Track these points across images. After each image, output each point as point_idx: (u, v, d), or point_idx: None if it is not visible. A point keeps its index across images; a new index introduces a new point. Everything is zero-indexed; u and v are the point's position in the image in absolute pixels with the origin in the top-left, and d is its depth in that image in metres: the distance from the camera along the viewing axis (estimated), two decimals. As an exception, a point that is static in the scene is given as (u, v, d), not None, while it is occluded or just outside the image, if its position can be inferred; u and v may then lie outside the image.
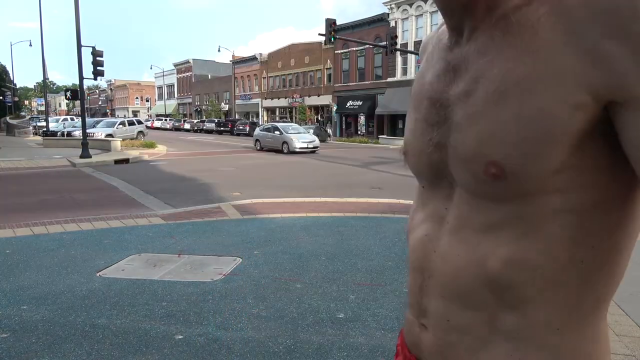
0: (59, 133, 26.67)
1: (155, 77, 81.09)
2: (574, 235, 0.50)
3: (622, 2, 0.43)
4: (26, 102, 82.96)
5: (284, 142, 20.81)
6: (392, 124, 38.05)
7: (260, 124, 42.05)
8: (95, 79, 17.89)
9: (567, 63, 0.47)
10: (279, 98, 48.51)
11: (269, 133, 22.18)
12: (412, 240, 0.65)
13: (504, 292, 0.54)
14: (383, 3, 37.85)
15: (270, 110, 51.57)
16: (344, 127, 42.22)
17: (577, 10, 0.45)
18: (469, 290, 0.56)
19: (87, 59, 17.38)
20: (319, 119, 44.95)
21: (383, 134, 36.45)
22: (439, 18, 34.43)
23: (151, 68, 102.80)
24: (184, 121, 51.86)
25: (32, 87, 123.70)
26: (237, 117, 53.97)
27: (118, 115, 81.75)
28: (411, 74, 36.68)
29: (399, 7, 36.92)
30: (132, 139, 26.55)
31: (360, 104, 39.81)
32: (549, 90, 0.48)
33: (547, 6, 0.48)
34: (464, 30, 0.57)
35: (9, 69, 47.25)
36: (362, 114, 40.15)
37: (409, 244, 0.67)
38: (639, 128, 0.44)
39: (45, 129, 28.63)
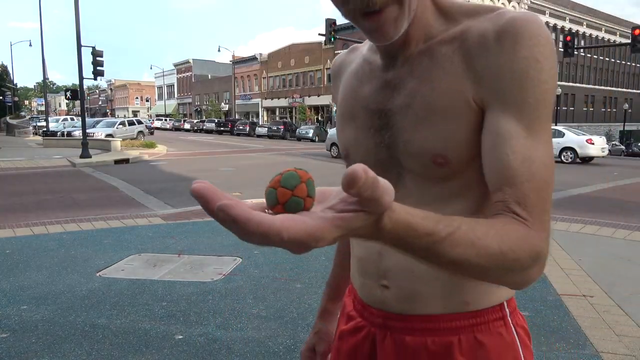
0: (59, 133, 26.68)
1: (155, 77, 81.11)
2: (485, 192, 0.67)
3: (494, 54, 0.64)
4: (26, 102, 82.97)
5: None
6: (392, 124, 38.03)
7: (260, 124, 41.99)
8: (95, 79, 17.90)
9: (466, 83, 0.67)
10: (279, 98, 48.50)
11: None
12: None
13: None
14: (383, 3, 37.81)
15: (270, 110, 51.58)
16: (344, 127, 42.19)
17: (472, 50, 0.67)
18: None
19: (87, 59, 17.38)
20: (319, 119, 44.95)
21: (383, 134, 36.42)
22: (439, 18, 34.44)
23: (151, 68, 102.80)
24: (184, 121, 51.85)
25: (32, 87, 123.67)
26: (237, 117, 53.97)
27: (118, 115, 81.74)
28: (411, 74, 36.69)
29: (399, 7, 36.92)
30: (132, 139, 26.55)
31: (360, 104, 39.78)
32: (461, 101, 0.67)
33: (457, 44, 0.68)
34: (398, 57, 0.73)
35: (9, 69, 47.29)
36: (362, 114, 40.12)
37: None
38: (495, 124, 0.64)
39: (45, 129, 28.63)
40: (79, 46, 16.01)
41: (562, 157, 17.89)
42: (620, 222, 6.37)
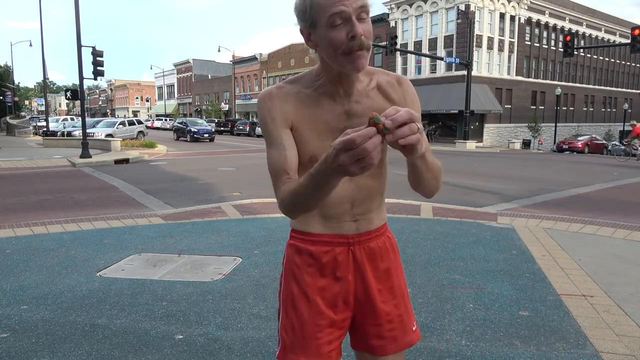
0: (59, 133, 26.68)
1: (155, 77, 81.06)
2: (386, 170, 1.36)
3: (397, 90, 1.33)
4: (26, 102, 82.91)
5: None
6: (392, 124, 37.95)
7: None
8: (95, 79, 17.89)
9: (387, 105, 1.25)
10: (279, 98, 48.41)
11: None
12: (332, 192, 1.14)
13: (382, 190, 1.37)
14: (383, 3, 37.81)
15: (270, 110, 51.49)
16: (344, 127, 42.19)
17: (386, 90, 1.32)
18: (372, 196, 1.34)
19: (87, 59, 17.41)
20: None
21: (383, 134, 36.35)
22: (438, 18, 34.43)
23: (151, 68, 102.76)
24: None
25: (32, 87, 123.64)
26: (237, 117, 53.94)
27: (118, 115, 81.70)
28: (411, 74, 36.65)
29: (399, 7, 36.89)
30: (132, 138, 26.54)
31: (360, 104, 39.74)
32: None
33: (376, 90, 1.30)
34: (350, 97, 1.27)
35: (10, 69, 47.24)
36: (362, 114, 40.08)
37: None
38: None
39: (45, 129, 28.63)
40: (79, 46, 16.00)
41: None
42: (620, 222, 6.37)
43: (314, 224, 1.32)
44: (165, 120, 56.01)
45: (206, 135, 29.67)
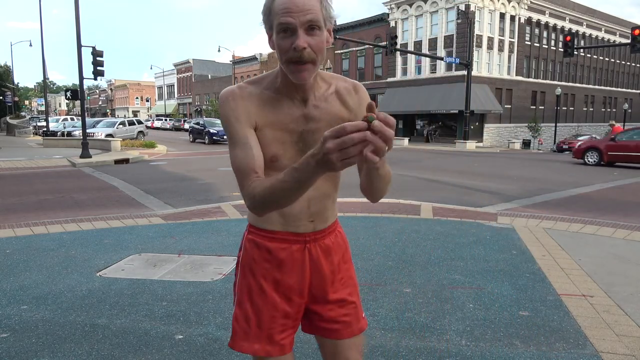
0: (59, 133, 26.68)
1: (155, 77, 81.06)
2: (340, 173, 1.33)
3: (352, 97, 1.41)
4: (26, 102, 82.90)
5: None
6: (392, 124, 37.95)
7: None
8: (95, 79, 17.90)
9: (344, 111, 1.37)
10: (279, 98, 48.42)
11: None
12: None
13: (336, 190, 1.44)
14: (383, 3, 37.81)
15: (270, 110, 51.49)
16: (344, 127, 42.17)
17: (344, 96, 1.39)
18: (327, 195, 1.41)
19: (87, 59, 17.42)
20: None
21: (383, 134, 36.35)
22: (438, 18, 34.43)
23: (151, 68, 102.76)
24: (184, 121, 51.82)
25: (32, 87, 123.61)
26: (237, 117, 53.80)
27: (118, 115, 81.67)
28: (411, 74, 36.65)
29: (399, 7, 36.89)
30: (132, 138, 26.55)
31: (360, 104, 39.71)
32: (342, 120, 1.32)
33: (335, 95, 1.37)
34: (307, 102, 1.33)
35: (10, 69, 47.24)
36: (362, 114, 40.06)
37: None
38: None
39: (45, 129, 28.63)
40: (79, 46, 16.00)
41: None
42: (620, 222, 6.37)
43: (272, 222, 1.38)
44: (165, 120, 56.00)
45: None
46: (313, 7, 1.18)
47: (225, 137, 22.96)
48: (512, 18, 35.74)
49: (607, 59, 46.30)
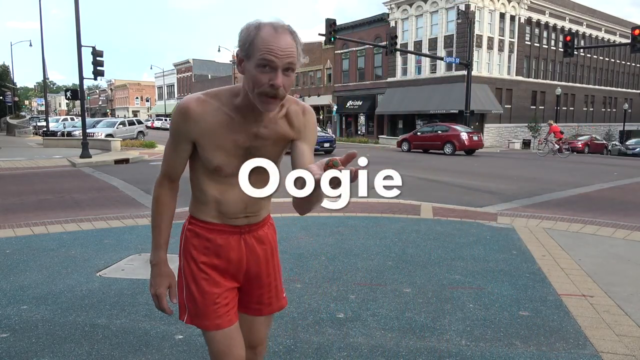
0: (59, 133, 26.68)
1: (155, 77, 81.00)
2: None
3: (300, 120, 1.55)
4: (26, 102, 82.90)
5: None
6: (392, 124, 38.00)
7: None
8: (95, 79, 17.90)
9: (290, 132, 1.53)
10: (279, 98, 48.35)
11: None
12: (228, 195, 1.51)
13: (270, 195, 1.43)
14: (383, 3, 37.80)
15: (270, 110, 51.44)
16: (344, 127, 42.18)
17: (292, 118, 1.53)
18: (264, 198, 1.32)
19: (87, 59, 17.40)
20: (320, 118, 44.92)
21: (383, 134, 36.42)
22: (438, 18, 34.41)
23: (151, 68, 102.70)
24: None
25: (32, 87, 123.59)
26: (237, 117, 53.75)
27: (118, 115, 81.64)
28: (411, 74, 36.63)
29: (399, 7, 36.89)
30: (132, 139, 26.54)
31: (360, 104, 39.76)
32: (287, 139, 1.53)
33: (285, 117, 1.52)
34: (261, 122, 1.46)
35: (9, 69, 47.23)
36: (362, 114, 40.11)
37: (223, 198, 1.53)
38: (297, 148, 1.51)
39: (45, 129, 28.64)
40: (79, 46, 16.00)
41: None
42: (620, 222, 6.37)
43: (211, 216, 1.56)
44: (166, 120, 55.95)
45: (327, 145, 19.99)
46: (293, 52, 1.34)
47: (326, 145, 20.09)
48: (512, 18, 35.73)
49: (607, 59, 46.29)
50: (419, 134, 24.10)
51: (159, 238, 1.64)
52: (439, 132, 22.84)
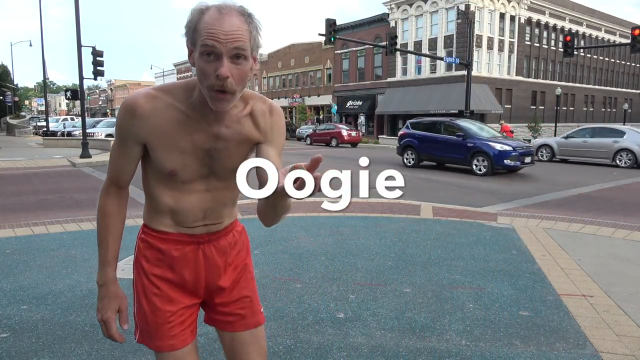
0: (59, 133, 26.68)
1: (155, 77, 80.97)
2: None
3: (267, 121, 1.36)
4: (26, 102, 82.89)
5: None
6: (392, 124, 37.99)
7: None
8: (95, 79, 17.89)
9: (255, 133, 1.34)
10: (279, 98, 48.46)
11: None
12: (185, 202, 1.35)
13: (235, 198, 1.45)
14: (383, 3, 37.81)
15: (270, 110, 51.47)
16: (344, 127, 42.12)
17: (258, 118, 1.34)
18: (225, 204, 1.41)
19: (87, 59, 17.40)
20: (319, 118, 44.90)
21: (383, 134, 36.42)
22: (438, 18, 34.42)
23: (151, 68, 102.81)
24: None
25: (32, 87, 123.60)
26: (237, 117, 53.79)
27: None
28: (411, 74, 36.64)
29: (399, 7, 36.89)
30: (132, 139, 26.47)
31: (360, 104, 39.76)
32: (252, 141, 1.34)
33: (249, 116, 1.33)
34: (222, 121, 1.29)
35: (9, 68, 47.26)
36: (362, 114, 40.10)
37: (179, 206, 1.36)
38: (263, 153, 1.31)
39: (45, 129, 28.63)
40: (79, 46, 16.00)
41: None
42: (620, 222, 6.37)
43: (165, 224, 1.39)
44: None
45: (528, 160, 12.97)
46: (241, 34, 1.14)
47: (528, 160, 13.45)
48: (512, 18, 35.74)
49: (607, 59, 46.29)
50: (317, 130, 30.86)
51: (105, 254, 1.41)
52: (328, 129, 29.86)
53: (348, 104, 40.52)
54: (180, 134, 1.28)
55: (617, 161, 15.52)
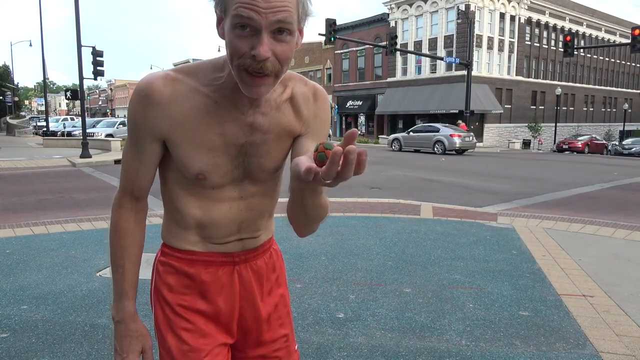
0: (59, 133, 26.70)
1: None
2: (278, 189, 1.18)
3: (310, 110, 1.11)
4: (26, 102, 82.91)
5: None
6: (392, 124, 38.01)
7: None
8: (95, 79, 17.90)
9: (297, 124, 1.09)
10: (279, 98, 48.44)
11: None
12: (216, 214, 1.10)
13: (273, 208, 1.20)
14: (383, 3, 37.82)
15: (270, 110, 51.54)
16: (344, 127, 42.17)
17: (300, 102, 1.08)
18: (262, 214, 1.17)
19: (87, 59, 17.35)
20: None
21: (383, 134, 36.43)
22: (438, 18, 34.42)
23: (151, 68, 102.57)
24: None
25: (32, 87, 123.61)
26: (237, 117, 53.85)
27: (118, 115, 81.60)
28: (411, 74, 36.64)
29: (399, 7, 36.89)
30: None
31: (360, 103, 39.77)
32: (292, 134, 1.09)
33: (299, 97, 1.09)
34: (258, 107, 1.04)
35: (10, 68, 47.28)
36: (362, 113, 40.12)
37: (209, 218, 1.10)
38: (302, 148, 1.06)
39: (45, 129, 28.64)
40: (79, 46, 16.00)
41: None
42: (620, 222, 6.37)
43: (192, 241, 1.13)
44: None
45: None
46: (286, 3, 0.88)
47: None
48: (512, 18, 35.74)
49: (607, 59, 46.30)
50: None
51: (122, 282, 1.19)
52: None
53: (348, 104, 40.53)
54: (209, 125, 1.02)
55: (435, 149, 21.97)
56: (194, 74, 1.04)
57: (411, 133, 24.22)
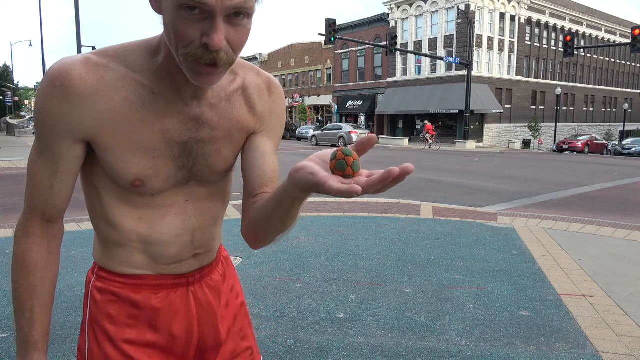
0: (59, 133, 26.67)
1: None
2: (229, 189, 1.03)
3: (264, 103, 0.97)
4: (26, 102, 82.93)
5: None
6: (392, 124, 38.02)
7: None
8: (95, 79, 17.91)
9: (250, 119, 0.95)
10: (279, 98, 48.41)
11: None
12: (161, 225, 0.92)
13: (223, 214, 1.04)
14: (383, 3, 37.82)
15: (270, 110, 51.50)
16: (344, 127, 42.16)
17: (253, 95, 0.95)
18: (216, 219, 1.01)
19: (87, 59, 17.39)
20: (319, 118, 44.93)
21: (383, 134, 36.44)
22: (438, 18, 34.42)
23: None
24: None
25: (32, 87, 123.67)
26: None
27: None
28: (411, 74, 36.65)
29: (399, 7, 36.90)
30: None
31: (360, 104, 39.76)
32: (246, 130, 0.95)
33: (252, 90, 0.95)
34: (202, 99, 0.87)
35: (10, 69, 47.31)
36: (362, 114, 40.11)
37: (153, 231, 0.92)
38: (257, 148, 0.96)
39: (45, 129, 28.58)
40: (79, 46, 16.01)
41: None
42: (620, 222, 6.37)
43: (138, 265, 0.93)
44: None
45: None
46: None
47: None
48: (512, 18, 35.75)
49: (607, 59, 46.29)
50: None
51: (30, 330, 0.95)
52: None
53: (348, 104, 40.52)
54: (145, 121, 0.84)
55: (339, 143, 26.83)
56: (121, 58, 0.83)
57: (324, 131, 30.20)
